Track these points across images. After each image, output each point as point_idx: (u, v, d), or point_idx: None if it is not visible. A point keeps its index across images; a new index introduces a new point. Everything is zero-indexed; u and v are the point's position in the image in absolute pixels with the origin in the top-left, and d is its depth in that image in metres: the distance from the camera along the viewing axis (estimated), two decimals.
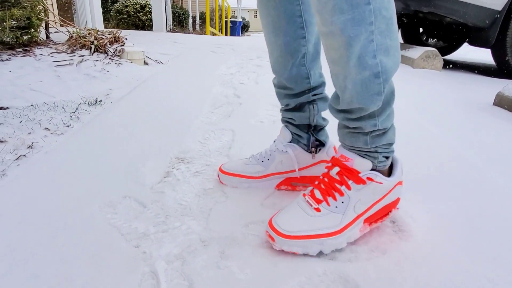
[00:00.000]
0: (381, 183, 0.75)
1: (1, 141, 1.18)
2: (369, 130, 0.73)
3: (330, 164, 0.79)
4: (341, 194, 0.74)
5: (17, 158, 1.10)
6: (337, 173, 0.76)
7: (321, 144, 0.97)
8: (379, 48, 0.65)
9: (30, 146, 1.18)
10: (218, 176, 1.01)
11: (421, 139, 1.39)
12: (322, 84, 0.94)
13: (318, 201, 0.75)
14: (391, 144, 0.77)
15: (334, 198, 0.74)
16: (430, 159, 1.20)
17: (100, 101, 1.74)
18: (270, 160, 0.97)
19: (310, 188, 0.79)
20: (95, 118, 1.51)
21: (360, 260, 0.71)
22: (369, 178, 0.74)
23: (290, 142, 0.96)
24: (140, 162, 1.10)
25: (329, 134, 0.99)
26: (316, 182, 0.79)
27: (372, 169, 0.75)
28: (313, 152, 0.95)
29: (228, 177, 0.98)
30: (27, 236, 0.75)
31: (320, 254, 0.72)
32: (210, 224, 0.81)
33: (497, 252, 0.74)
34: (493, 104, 2.00)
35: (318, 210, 0.74)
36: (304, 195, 0.78)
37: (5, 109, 1.52)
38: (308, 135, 0.96)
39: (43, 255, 0.70)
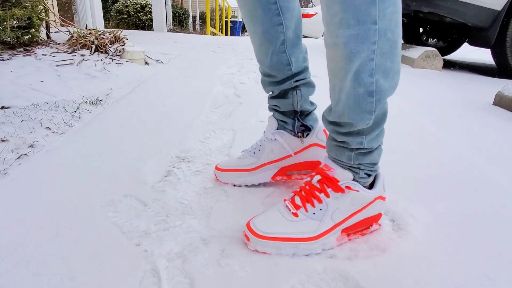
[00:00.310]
0: (357, 191, 0.75)
1: (3, 140, 1.19)
2: (354, 147, 0.74)
3: (314, 173, 0.80)
4: (320, 201, 0.75)
5: (19, 157, 1.10)
6: (318, 181, 0.77)
7: (307, 129, 0.97)
8: (377, 68, 0.65)
9: (31, 145, 1.19)
10: (215, 174, 1.01)
11: (421, 138, 1.39)
12: (305, 69, 0.93)
13: (297, 207, 0.76)
14: (374, 164, 0.77)
15: (313, 205, 0.75)
16: (430, 158, 1.21)
17: (101, 100, 1.75)
18: (261, 151, 0.98)
19: (292, 194, 0.79)
20: (96, 117, 1.52)
21: (360, 258, 0.71)
22: (347, 187, 0.74)
23: (277, 129, 0.97)
24: (141, 161, 1.10)
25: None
26: (298, 189, 0.80)
27: (353, 180, 0.76)
28: (301, 137, 0.96)
29: (224, 173, 0.99)
30: (28, 235, 0.76)
31: (319, 251, 0.73)
32: (211, 223, 0.82)
33: (497, 250, 0.75)
34: (493, 104, 2.01)
35: (295, 215, 0.75)
36: (284, 200, 0.79)
37: (6, 108, 1.52)
38: (294, 121, 0.96)
39: (45, 254, 0.70)
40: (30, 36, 2.56)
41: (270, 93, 0.97)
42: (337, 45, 0.65)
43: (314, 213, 0.75)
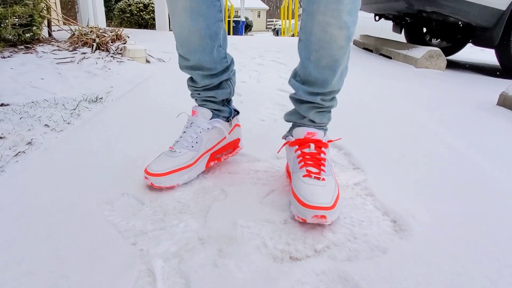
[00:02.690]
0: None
1: (1, 137, 1.18)
2: (333, 107, 0.96)
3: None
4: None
5: (16, 154, 1.10)
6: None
7: (236, 112, 1.11)
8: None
9: (29, 143, 1.18)
10: (151, 182, 0.91)
11: (424, 138, 1.38)
12: (232, 59, 1.03)
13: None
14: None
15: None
16: (433, 158, 1.19)
17: (101, 98, 1.74)
18: (199, 142, 0.99)
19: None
20: (95, 115, 1.51)
21: (360, 259, 0.70)
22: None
23: (211, 118, 1.02)
24: (140, 160, 1.09)
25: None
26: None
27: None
28: (230, 120, 1.08)
29: (165, 177, 0.91)
30: (24, 232, 0.75)
31: (318, 252, 0.71)
32: (208, 222, 0.80)
33: (500, 252, 0.73)
34: (496, 104, 1.98)
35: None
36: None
37: (5, 105, 1.52)
38: (228, 108, 1.07)
39: (39, 252, 0.69)
40: (32, 33, 2.56)
41: (205, 85, 1.00)
42: (342, 29, 0.80)
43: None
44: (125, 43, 2.70)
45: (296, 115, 0.99)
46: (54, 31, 3.10)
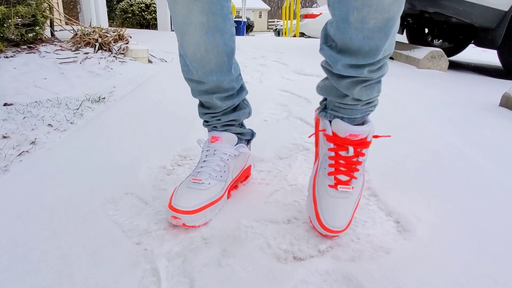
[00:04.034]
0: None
1: (4, 137, 1.19)
2: (384, 75, 0.75)
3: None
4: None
5: (20, 153, 1.10)
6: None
7: (254, 134, 1.01)
8: None
9: (33, 142, 1.18)
10: (182, 222, 0.76)
11: (427, 139, 1.38)
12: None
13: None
14: None
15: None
16: (436, 159, 1.19)
17: (104, 98, 1.74)
18: (227, 171, 0.88)
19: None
20: (98, 115, 1.51)
21: (363, 259, 0.70)
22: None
23: (237, 144, 0.92)
24: (143, 159, 1.09)
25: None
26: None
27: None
28: (250, 143, 1.00)
29: (198, 214, 0.77)
30: (28, 231, 0.75)
31: (322, 252, 0.71)
32: (212, 222, 0.80)
33: (504, 252, 0.73)
34: (499, 105, 1.98)
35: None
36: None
37: (9, 105, 1.52)
38: (250, 130, 0.99)
39: (44, 251, 0.70)
40: (34, 33, 2.57)
41: (225, 109, 0.89)
42: (389, 21, 0.63)
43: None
44: (127, 43, 2.71)
45: (334, 92, 0.79)
46: (56, 31, 3.11)
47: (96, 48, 2.52)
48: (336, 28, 0.67)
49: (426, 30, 4.32)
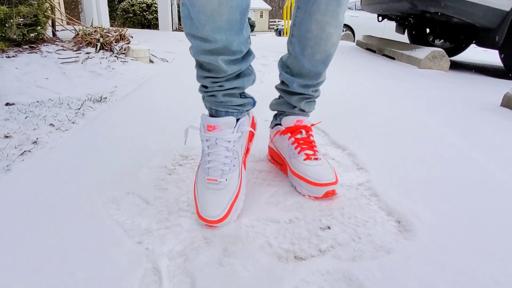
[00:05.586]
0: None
1: (6, 137, 1.19)
2: (319, 96, 1.05)
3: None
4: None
5: (22, 153, 1.10)
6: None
7: (255, 102, 1.00)
8: None
9: (35, 142, 1.19)
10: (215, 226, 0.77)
11: (428, 139, 1.38)
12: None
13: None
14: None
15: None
16: (436, 159, 1.19)
17: (105, 98, 1.75)
18: (236, 157, 0.86)
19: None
20: (100, 115, 1.52)
21: (364, 259, 0.70)
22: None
23: (236, 123, 0.87)
24: (144, 159, 1.10)
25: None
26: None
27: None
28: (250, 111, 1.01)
29: (229, 218, 0.79)
30: (30, 231, 0.75)
31: (323, 252, 0.72)
32: None
33: (504, 252, 0.73)
34: (500, 105, 1.98)
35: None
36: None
37: (11, 105, 1.53)
38: (250, 100, 0.97)
39: (46, 250, 0.70)
40: (36, 33, 2.57)
41: (230, 74, 0.83)
42: (337, 28, 0.89)
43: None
44: (128, 43, 2.71)
45: (285, 105, 1.05)
46: (58, 31, 3.12)
47: (98, 48, 2.53)
48: (293, 58, 0.96)
49: (428, 30, 4.32)
